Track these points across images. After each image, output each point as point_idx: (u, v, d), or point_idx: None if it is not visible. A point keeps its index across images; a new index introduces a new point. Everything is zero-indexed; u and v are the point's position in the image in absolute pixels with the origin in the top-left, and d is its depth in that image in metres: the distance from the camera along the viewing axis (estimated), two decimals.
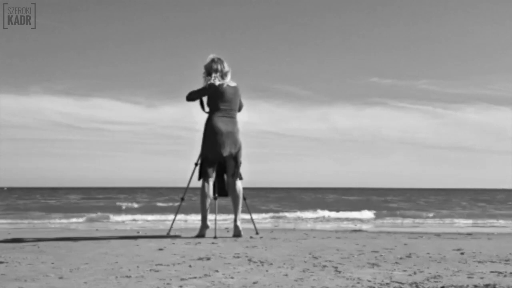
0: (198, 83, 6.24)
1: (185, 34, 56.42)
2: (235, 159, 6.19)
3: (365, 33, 60.82)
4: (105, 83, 65.42)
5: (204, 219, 6.16)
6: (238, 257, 4.27)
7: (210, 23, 58.06)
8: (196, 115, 6.32)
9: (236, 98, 6.22)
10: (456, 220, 15.06)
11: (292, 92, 70.99)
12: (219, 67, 6.18)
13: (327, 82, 68.45)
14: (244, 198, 7.06)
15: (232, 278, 3.29)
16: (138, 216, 15.63)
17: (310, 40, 60.98)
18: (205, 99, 6.28)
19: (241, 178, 6.28)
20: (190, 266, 3.77)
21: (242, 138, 6.23)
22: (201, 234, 6.17)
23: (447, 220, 15.14)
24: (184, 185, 6.53)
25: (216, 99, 6.13)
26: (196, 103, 6.33)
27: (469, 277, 3.36)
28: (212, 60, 6.24)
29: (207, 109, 6.29)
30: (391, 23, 60.58)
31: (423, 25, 61.67)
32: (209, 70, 6.19)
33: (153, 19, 55.92)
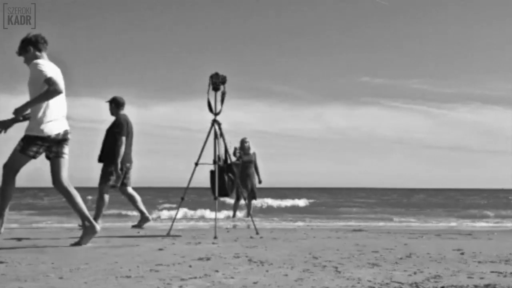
0: (188, 83, 6.41)
1: (178, 34, 56.49)
2: None
3: (355, 32, 60.93)
4: (94, 83, 65.29)
5: None
6: (238, 257, 4.27)
7: (202, 24, 58.16)
8: (191, 116, 6.47)
9: None
10: None
11: (284, 91, 71.14)
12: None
13: (318, 81, 68.78)
14: (244, 199, 7.05)
15: (232, 278, 3.29)
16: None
17: (301, 40, 61.09)
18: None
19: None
20: (190, 266, 3.77)
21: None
22: None
23: None
24: (181, 185, 6.53)
25: None
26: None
27: (469, 277, 3.36)
28: None
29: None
30: (381, 22, 60.66)
31: (414, 25, 61.74)
32: None
33: (145, 18, 56.01)
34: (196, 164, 6.45)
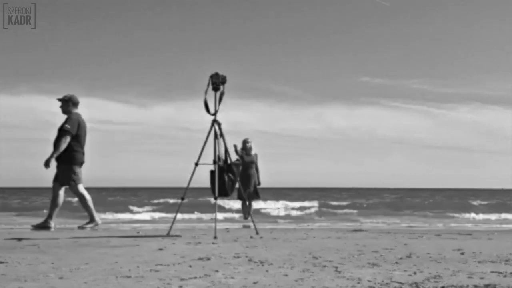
0: (188, 83, 6.40)
1: (178, 34, 56.47)
2: None
3: (355, 32, 60.92)
4: (94, 83, 65.01)
5: None
6: (238, 257, 4.27)
7: (202, 24, 58.07)
8: (191, 116, 6.48)
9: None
10: None
11: (284, 91, 71.08)
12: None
13: (318, 81, 68.72)
14: (245, 199, 7.04)
15: (232, 278, 3.29)
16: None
17: (301, 40, 61.08)
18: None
19: None
20: (190, 266, 3.77)
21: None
22: None
23: None
24: (181, 185, 6.53)
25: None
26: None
27: (469, 277, 3.36)
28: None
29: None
30: (381, 22, 60.67)
31: (414, 25, 61.72)
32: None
33: (145, 18, 55.96)
34: (196, 164, 6.45)
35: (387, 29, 61.66)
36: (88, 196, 7.67)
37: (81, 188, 7.68)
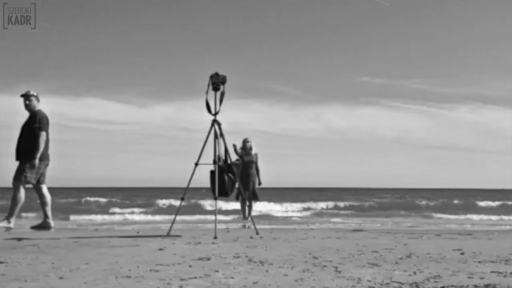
0: (188, 83, 6.41)
1: (178, 34, 56.46)
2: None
3: (355, 32, 60.88)
4: (94, 83, 64.87)
5: None
6: (238, 257, 4.27)
7: (202, 24, 58.04)
8: (191, 116, 6.49)
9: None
10: None
11: (284, 91, 70.97)
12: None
13: (318, 81, 68.55)
14: (245, 199, 7.03)
15: (232, 278, 3.29)
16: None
17: (301, 40, 61.05)
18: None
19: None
20: (190, 266, 3.77)
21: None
22: None
23: None
24: (181, 185, 6.53)
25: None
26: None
27: (469, 277, 3.36)
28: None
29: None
30: (381, 22, 60.60)
31: (414, 25, 61.65)
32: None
33: (145, 18, 55.95)
34: (196, 164, 6.45)
35: (387, 29, 61.63)
36: (22, 198, 7.46)
37: (22, 188, 7.50)
